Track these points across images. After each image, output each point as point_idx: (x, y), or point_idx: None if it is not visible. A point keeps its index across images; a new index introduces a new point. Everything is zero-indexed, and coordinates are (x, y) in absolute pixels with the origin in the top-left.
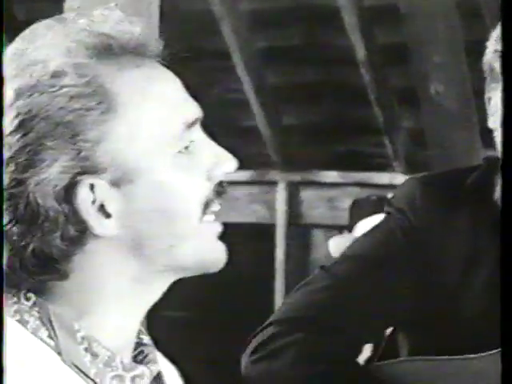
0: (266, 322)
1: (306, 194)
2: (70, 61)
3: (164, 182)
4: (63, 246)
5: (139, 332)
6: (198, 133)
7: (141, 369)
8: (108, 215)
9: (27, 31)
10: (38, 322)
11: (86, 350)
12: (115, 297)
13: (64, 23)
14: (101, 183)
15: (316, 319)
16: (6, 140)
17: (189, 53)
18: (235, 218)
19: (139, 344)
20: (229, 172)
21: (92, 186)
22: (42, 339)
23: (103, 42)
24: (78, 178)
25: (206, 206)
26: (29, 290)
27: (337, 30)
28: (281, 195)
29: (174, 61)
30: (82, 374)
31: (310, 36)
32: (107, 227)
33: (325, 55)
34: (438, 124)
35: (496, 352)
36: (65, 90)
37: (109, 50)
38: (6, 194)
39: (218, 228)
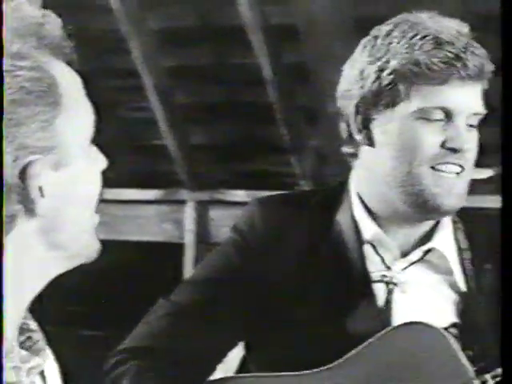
0: (112, 353)
1: (215, 213)
2: (26, 46)
3: (82, 172)
4: (7, 224)
5: (25, 317)
6: None
7: (36, 360)
8: (43, 195)
9: None
10: None
11: None
12: (13, 284)
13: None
14: (45, 165)
15: (153, 347)
16: None
17: (98, 72)
18: (144, 236)
19: (26, 330)
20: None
21: (38, 167)
22: None
23: (41, 31)
24: (32, 157)
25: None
26: None
27: (244, 49)
28: (189, 214)
29: (82, 79)
30: None
31: (217, 55)
32: (42, 207)
33: (232, 74)
34: (337, 142)
35: (327, 368)
36: (23, 71)
37: (43, 39)
38: None
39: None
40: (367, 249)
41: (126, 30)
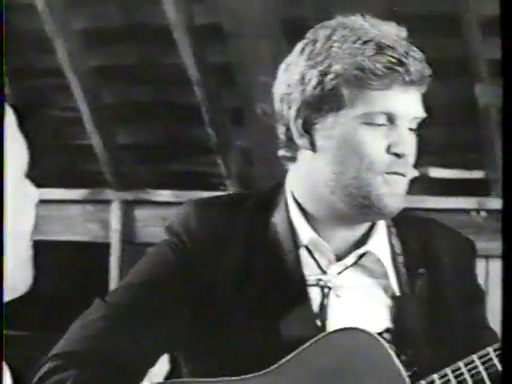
0: (47, 357)
1: (140, 213)
2: None
3: (16, 208)
4: None
5: None
6: None
7: None
8: None
9: None
10: None
11: None
12: None
13: None
14: None
15: (91, 351)
16: None
17: (23, 71)
18: (69, 236)
19: None
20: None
21: None
22: None
23: None
24: None
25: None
26: None
27: (169, 48)
28: (115, 214)
29: (8, 80)
30: None
31: (142, 55)
32: None
33: (158, 74)
34: (264, 143)
35: (261, 374)
36: None
37: None
38: None
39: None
40: (303, 252)
41: (50, 30)
